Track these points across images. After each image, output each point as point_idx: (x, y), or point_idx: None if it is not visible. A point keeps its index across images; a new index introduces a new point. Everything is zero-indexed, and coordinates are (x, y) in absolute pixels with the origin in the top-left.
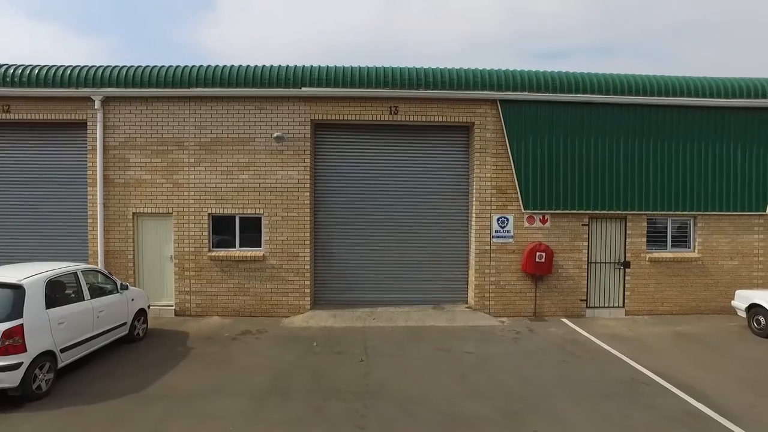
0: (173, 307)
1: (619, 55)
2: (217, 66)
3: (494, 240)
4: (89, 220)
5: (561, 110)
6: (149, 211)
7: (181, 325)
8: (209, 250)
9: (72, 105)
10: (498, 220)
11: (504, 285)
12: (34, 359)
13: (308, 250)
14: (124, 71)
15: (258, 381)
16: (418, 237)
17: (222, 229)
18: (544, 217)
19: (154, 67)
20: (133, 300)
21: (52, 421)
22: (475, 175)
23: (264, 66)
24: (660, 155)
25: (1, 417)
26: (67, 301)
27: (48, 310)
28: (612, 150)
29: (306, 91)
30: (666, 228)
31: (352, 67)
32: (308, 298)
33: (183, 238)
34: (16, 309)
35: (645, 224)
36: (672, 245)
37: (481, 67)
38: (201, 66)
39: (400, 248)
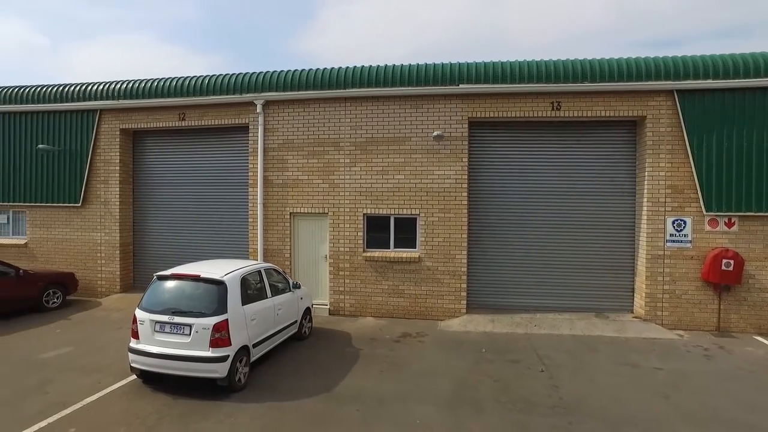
0: (327, 307)
1: (755, 37)
2: (371, 66)
3: (668, 245)
4: (249, 220)
5: (752, 98)
6: (305, 211)
7: (339, 325)
8: (364, 251)
9: (236, 110)
10: (673, 222)
11: (680, 295)
12: (236, 352)
13: (464, 252)
14: (282, 75)
15: (440, 388)
16: (578, 240)
17: (376, 229)
18: (730, 220)
19: (311, 70)
20: (301, 299)
21: (260, 414)
22: (646, 173)
23: (419, 64)
24: None
25: (217, 405)
26: (256, 298)
27: (244, 307)
28: None
29: (463, 88)
30: None
31: (511, 62)
32: (464, 302)
33: (338, 238)
34: (221, 304)
35: None
36: None
37: (653, 55)
38: (356, 67)
39: (559, 252)
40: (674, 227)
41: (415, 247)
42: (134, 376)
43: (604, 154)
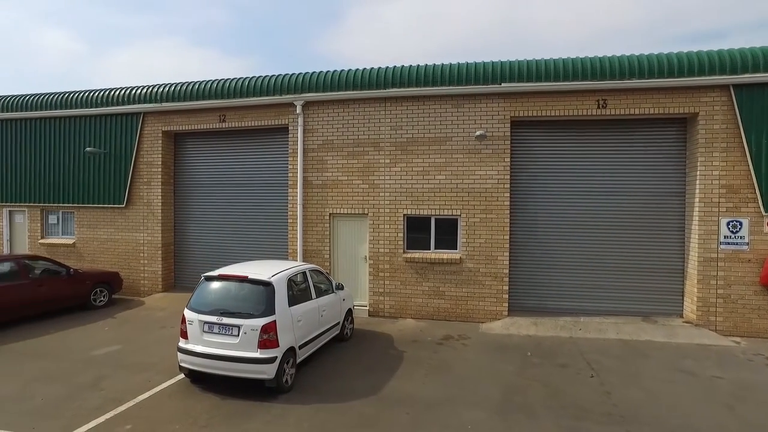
0: (367, 308)
1: None
2: (412, 66)
3: (722, 247)
4: (289, 220)
5: None
6: (345, 212)
7: (380, 327)
8: (404, 252)
9: (276, 111)
10: (728, 224)
11: (736, 299)
12: (284, 354)
13: (506, 254)
14: (322, 76)
15: (489, 392)
16: (624, 241)
17: (417, 230)
18: None
19: (350, 70)
20: (344, 300)
21: (308, 415)
22: (698, 172)
23: (460, 63)
24: None
25: (265, 406)
26: (301, 299)
27: (290, 308)
28: None
29: (506, 86)
30: None
31: (554, 60)
32: (505, 304)
33: (378, 239)
34: (269, 305)
35: None
36: None
37: (706, 49)
38: (396, 66)
39: (604, 253)
40: (729, 229)
41: (456, 249)
42: (182, 375)
43: (652, 152)
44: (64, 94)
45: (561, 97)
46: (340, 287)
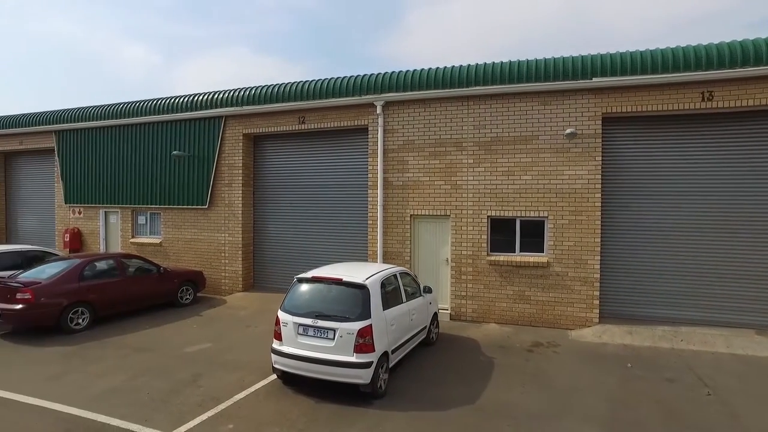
0: (448, 311)
1: None
2: (495, 63)
3: None
4: (369, 222)
5: None
6: (426, 213)
7: (463, 331)
8: (488, 254)
9: (356, 112)
10: None
11: None
12: (379, 358)
13: (597, 258)
14: (402, 75)
15: (594, 405)
16: (732, 245)
17: (501, 232)
18: None
19: (431, 69)
20: (430, 304)
21: (406, 423)
22: None
23: (547, 59)
24: None
25: (360, 411)
26: (393, 302)
27: (384, 312)
28: None
29: (597, 81)
30: None
31: (651, 51)
32: (596, 311)
33: (460, 241)
34: (365, 309)
35: None
36: None
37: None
38: (479, 64)
39: (707, 259)
40: None
41: (543, 251)
42: (274, 376)
43: (764, 147)
44: (153, 101)
45: (659, 91)
46: (427, 290)
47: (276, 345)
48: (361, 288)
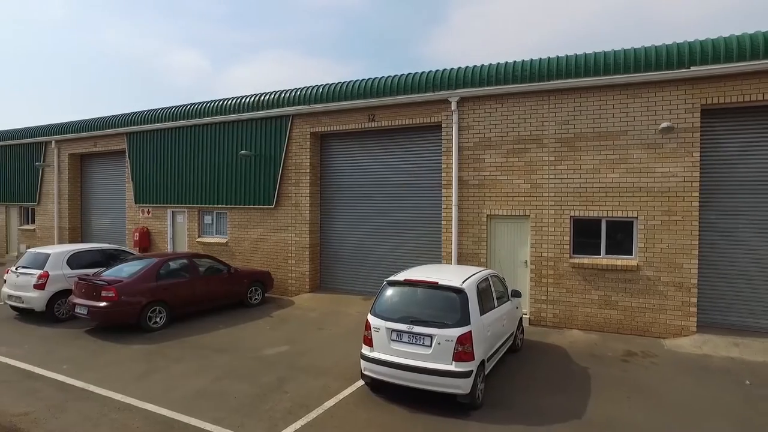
0: (527, 316)
1: None
2: (578, 55)
3: None
4: (443, 222)
5: None
6: (504, 213)
7: (546, 337)
8: (570, 256)
9: (428, 108)
10: None
11: None
12: (477, 367)
13: (694, 261)
14: (478, 70)
15: (720, 428)
16: None
17: (585, 233)
18: None
19: (508, 63)
20: (517, 308)
21: None
22: None
23: (636, 48)
24: None
25: (459, 424)
26: (487, 307)
27: (481, 317)
28: None
29: (695, 70)
30: None
31: (752, 35)
32: (693, 319)
33: (541, 243)
34: (464, 314)
35: None
36: None
37: None
38: (560, 57)
39: None
40: None
41: (632, 254)
42: (360, 383)
43: None
44: (219, 102)
45: None
46: (516, 294)
47: (366, 351)
48: (459, 292)
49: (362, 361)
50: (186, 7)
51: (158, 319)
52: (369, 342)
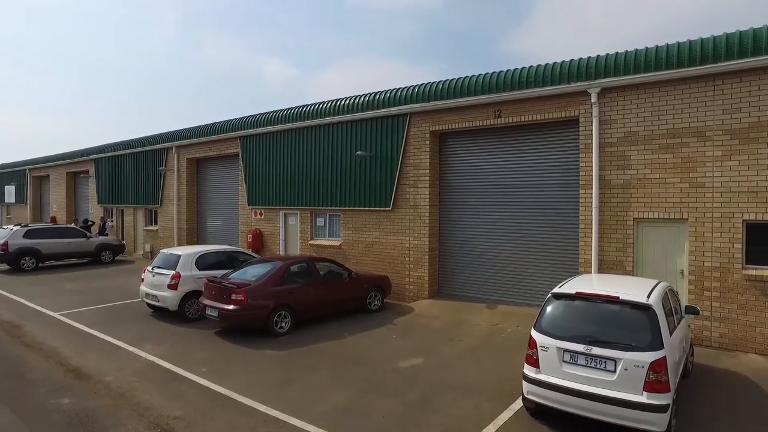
0: None
1: None
2: (756, 29)
3: None
4: (581, 226)
5: None
6: (654, 216)
7: (716, 361)
8: (743, 267)
9: (561, 102)
10: None
11: None
12: (673, 401)
13: None
14: (622, 57)
15: None
16: None
17: (762, 240)
18: None
19: (660, 46)
20: (689, 326)
21: None
22: None
23: None
24: None
25: None
26: (671, 328)
27: (671, 339)
28: None
29: None
30: None
31: None
32: None
33: (702, 250)
34: (655, 336)
35: None
36: None
37: None
38: (730, 33)
39: None
40: None
41: None
42: (517, 406)
43: None
44: (332, 102)
45: None
46: (692, 311)
47: (530, 372)
48: (645, 309)
49: (525, 383)
50: (269, 18)
51: (284, 324)
52: (534, 362)
